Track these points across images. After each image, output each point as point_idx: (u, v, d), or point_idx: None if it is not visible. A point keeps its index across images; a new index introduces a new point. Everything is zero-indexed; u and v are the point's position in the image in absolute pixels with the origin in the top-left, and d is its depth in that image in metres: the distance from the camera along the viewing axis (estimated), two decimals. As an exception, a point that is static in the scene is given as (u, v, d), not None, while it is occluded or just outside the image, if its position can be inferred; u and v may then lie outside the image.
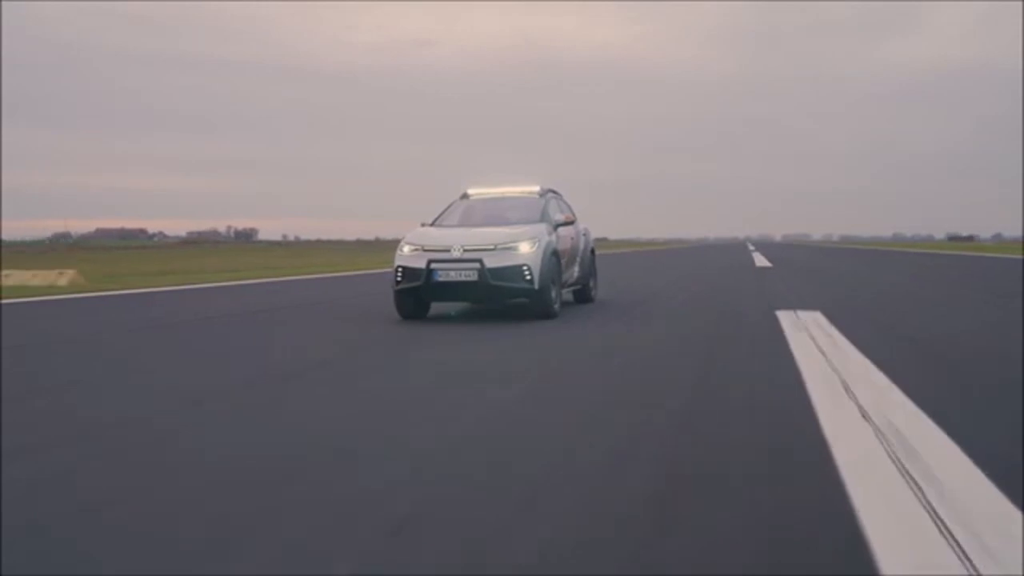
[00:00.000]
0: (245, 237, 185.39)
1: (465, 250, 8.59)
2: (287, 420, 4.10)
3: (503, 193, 10.32)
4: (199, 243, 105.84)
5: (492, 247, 8.61)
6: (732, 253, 45.24)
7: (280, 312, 10.62)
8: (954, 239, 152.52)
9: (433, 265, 8.61)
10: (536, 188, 10.20)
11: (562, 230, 9.67)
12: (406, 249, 8.90)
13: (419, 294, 8.86)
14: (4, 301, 11.76)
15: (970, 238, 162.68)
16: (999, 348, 6.46)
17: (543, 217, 9.49)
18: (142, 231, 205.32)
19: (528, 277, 8.58)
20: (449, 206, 10.21)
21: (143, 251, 62.24)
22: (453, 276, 8.56)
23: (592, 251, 11.15)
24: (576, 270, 10.27)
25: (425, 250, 8.78)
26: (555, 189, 10.67)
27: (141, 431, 3.90)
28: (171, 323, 9.31)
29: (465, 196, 10.43)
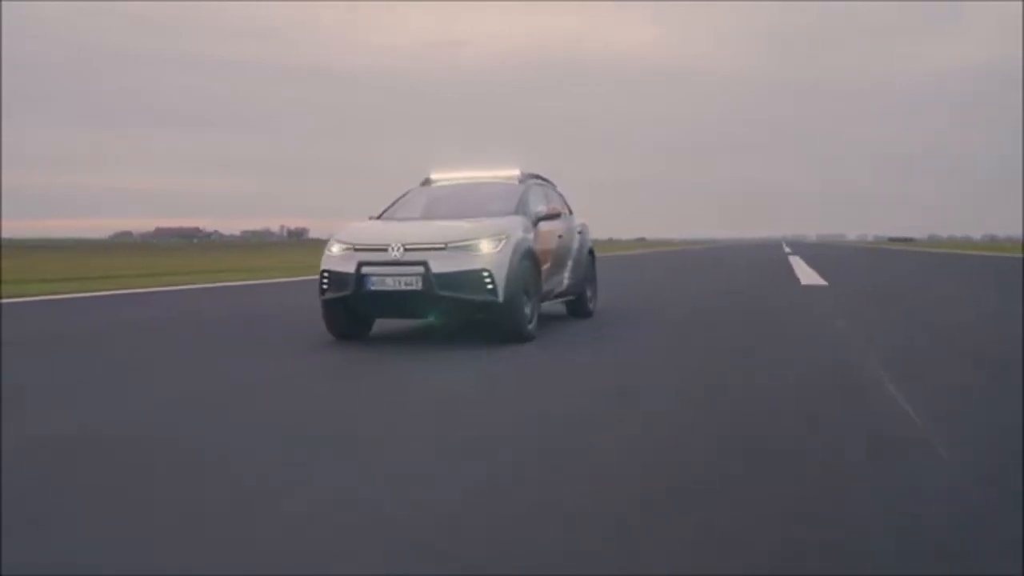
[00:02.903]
0: (297, 236, 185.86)
1: (407, 249, 6.46)
2: None
3: (474, 178, 8.18)
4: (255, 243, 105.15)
5: (442, 245, 6.48)
6: (764, 254, 42.53)
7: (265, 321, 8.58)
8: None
9: (365, 269, 6.48)
10: (516, 172, 8.01)
11: (545, 225, 7.52)
12: (335, 248, 6.79)
13: (350, 306, 6.78)
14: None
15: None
16: None
17: (519, 208, 7.33)
18: (197, 230, 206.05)
19: (489, 285, 6.43)
20: (405, 194, 8.08)
21: (209, 249, 60.43)
22: (390, 284, 6.43)
23: (590, 253, 8.95)
24: (566, 276, 8.10)
25: (357, 249, 6.66)
26: (542, 175, 8.50)
27: None
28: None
29: (427, 182, 8.29)
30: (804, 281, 15.53)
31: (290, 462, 3.22)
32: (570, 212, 8.83)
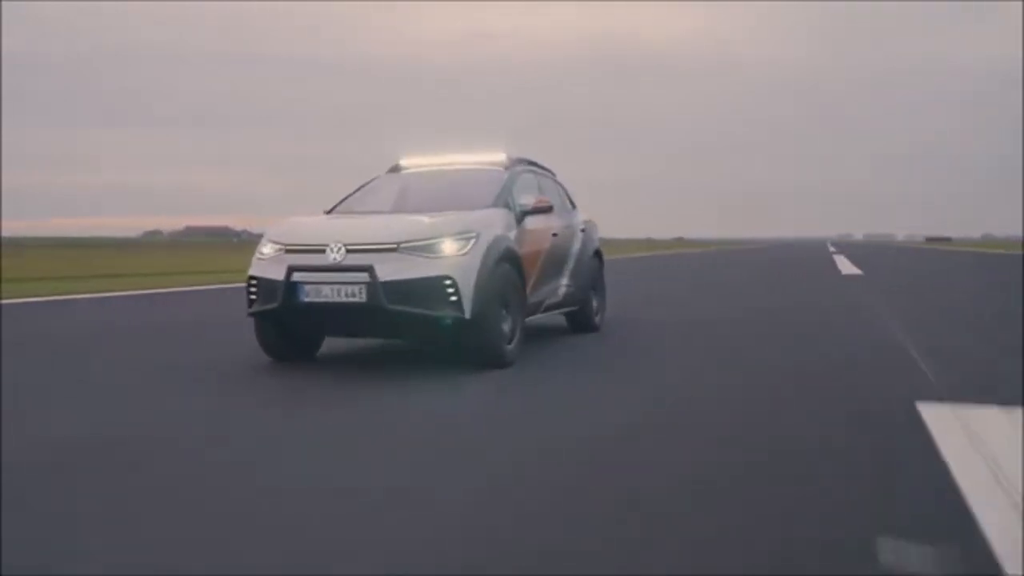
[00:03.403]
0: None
1: (349, 250, 5.13)
2: None
3: (451, 164, 6.81)
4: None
5: (393, 246, 5.12)
6: (806, 253, 40.47)
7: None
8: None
9: (296, 276, 5.15)
10: (501, 157, 6.63)
11: (533, 221, 6.13)
12: (266, 249, 5.48)
13: (282, 322, 5.46)
14: None
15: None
16: None
17: (501, 200, 5.94)
18: (226, 228, 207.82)
19: (453, 297, 5.07)
20: (367, 183, 6.74)
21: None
22: (327, 294, 5.09)
23: (597, 255, 7.53)
24: (564, 283, 6.70)
25: (289, 250, 5.36)
26: (538, 162, 7.10)
27: None
28: None
29: (396, 168, 6.94)
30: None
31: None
32: (572, 206, 7.43)
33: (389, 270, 5.02)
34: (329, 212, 6.25)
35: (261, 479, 2.98)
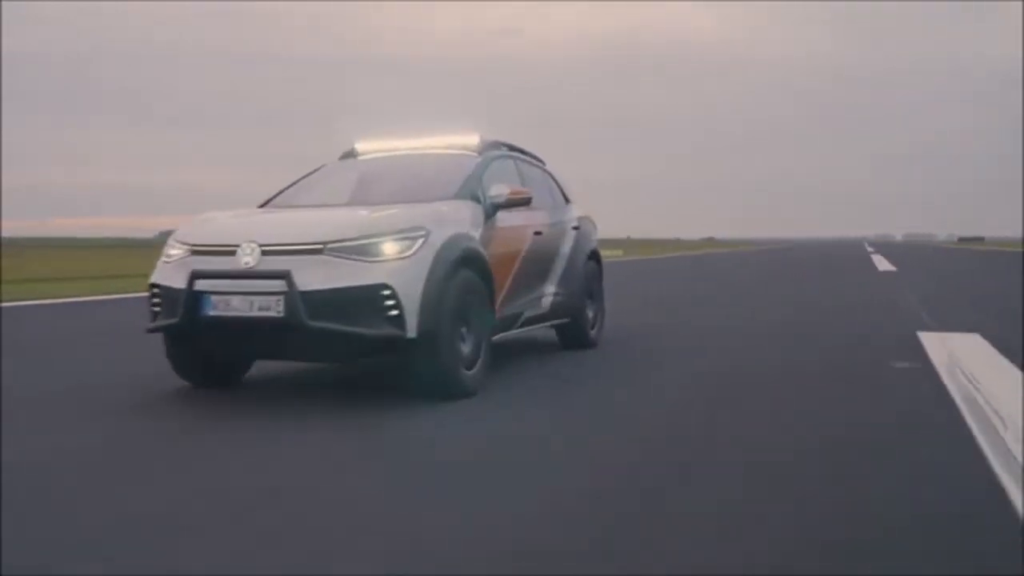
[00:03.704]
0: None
1: (265, 252, 4.10)
2: None
3: (415, 149, 5.74)
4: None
5: (317, 247, 4.07)
6: (837, 261, 38.74)
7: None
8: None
9: (201, 284, 4.13)
10: (473, 140, 5.57)
11: (508, 217, 5.07)
12: (173, 251, 4.47)
13: (188, 339, 4.45)
14: None
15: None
16: None
17: (466, 190, 4.87)
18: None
19: (392, 311, 4.01)
20: (313, 171, 5.70)
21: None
22: (238, 307, 4.04)
23: (593, 257, 6.42)
24: (551, 291, 5.63)
25: (196, 252, 4.35)
26: (517, 146, 6.02)
27: None
28: None
29: (350, 154, 5.88)
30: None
31: None
32: (567, 200, 6.35)
33: (312, 277, 3.98)
34: (263, 206, 5.24)
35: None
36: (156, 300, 4.39)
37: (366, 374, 5.09)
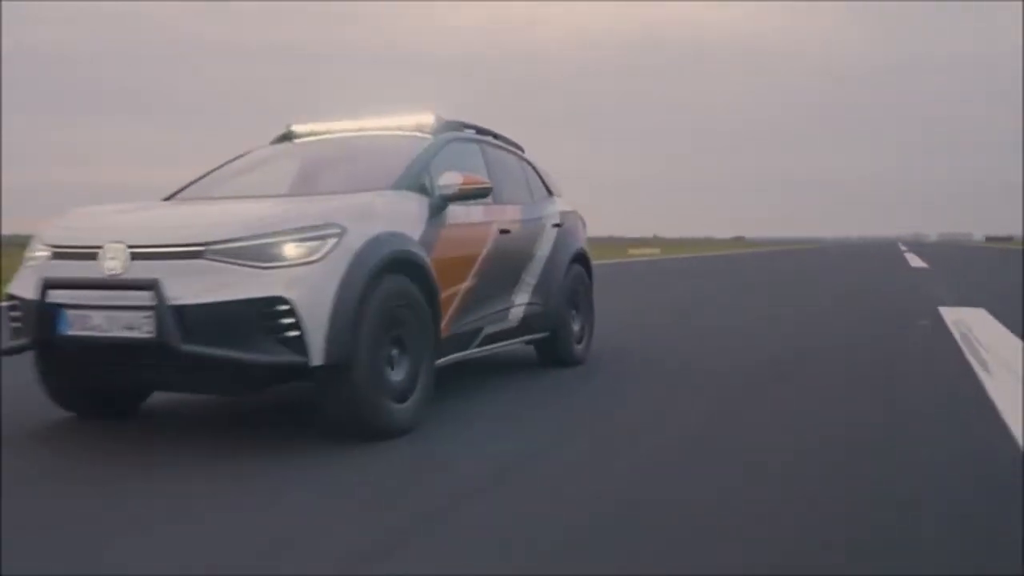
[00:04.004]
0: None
1: (134, 255, 3.23)
2: None
3: (359, 131, 4.82)
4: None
5: (197, 249, 3.18)
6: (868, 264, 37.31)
7: None
8: None
9: (55, 295, 3.27)
10: (429, 120, 4.63)
11: (464, 212, 4.17)
12: (36, 253, 3.60)
13: (56, 364, 3.59)
14: None
15: None
16: None
17: (408, 179, 3.95)
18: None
19: (292, 332, 3.11)
20: (239, 156, 4.80)
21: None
22: (97, 325, 3.17)
23: (579, 259, 5.47)
24: (522, 302, 4.70)
25: (56, 255, 3.48)
26: (488, 128, 5.09)
27: None
28: None
29: (286, 137, 4.96)
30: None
31: None
32: (549, 193, 5.43)
33: (186, 288, 3.10)
34: (168, 198, 4.36)
35: None
36: (15, 314, 3.54)
37: (307, 400, 4.21)
